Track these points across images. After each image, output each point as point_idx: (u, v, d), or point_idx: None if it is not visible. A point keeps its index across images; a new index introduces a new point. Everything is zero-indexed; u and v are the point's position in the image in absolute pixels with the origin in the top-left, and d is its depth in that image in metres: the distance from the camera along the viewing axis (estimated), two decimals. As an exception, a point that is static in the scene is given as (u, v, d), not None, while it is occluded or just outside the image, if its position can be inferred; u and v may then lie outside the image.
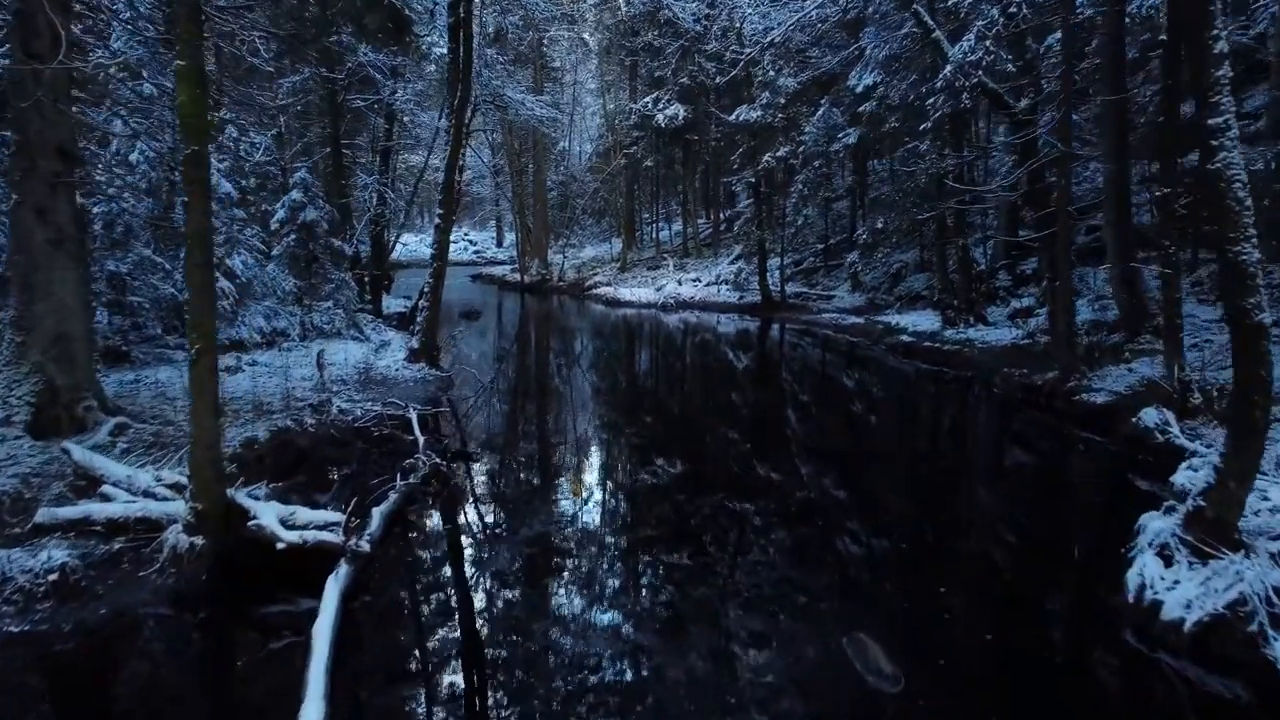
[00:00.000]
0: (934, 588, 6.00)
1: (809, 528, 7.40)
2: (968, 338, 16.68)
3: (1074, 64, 10.64)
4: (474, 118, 21.63)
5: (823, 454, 10.23)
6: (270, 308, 15.30)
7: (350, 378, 13.12)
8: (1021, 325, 16.36)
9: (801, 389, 15.00)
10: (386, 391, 12.54)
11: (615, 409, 13.09)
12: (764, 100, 22.73)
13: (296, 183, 16.17)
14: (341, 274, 16.54)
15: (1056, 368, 12.32)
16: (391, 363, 14.09)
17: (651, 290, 28.23)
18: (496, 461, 9.85)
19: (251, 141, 19.88)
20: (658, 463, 9.66)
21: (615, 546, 7.11)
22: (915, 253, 23.40)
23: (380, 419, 10.64)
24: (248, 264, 14.73)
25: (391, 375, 13.52)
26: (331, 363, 13.62)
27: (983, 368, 14.65)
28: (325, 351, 14.49)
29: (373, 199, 19.66)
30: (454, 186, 14.01)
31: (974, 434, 11.99)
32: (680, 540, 7.07)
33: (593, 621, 5.59)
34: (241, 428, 9.36)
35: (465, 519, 7.79)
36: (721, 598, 5.95)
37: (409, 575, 6.61)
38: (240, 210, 17.15)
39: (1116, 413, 10.58)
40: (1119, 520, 6.45)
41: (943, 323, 17.86)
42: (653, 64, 31.20)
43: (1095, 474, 9.18)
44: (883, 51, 20.39)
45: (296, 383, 12.04)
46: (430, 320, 13.93)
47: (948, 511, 8.11)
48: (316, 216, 16.10)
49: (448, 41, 13.72)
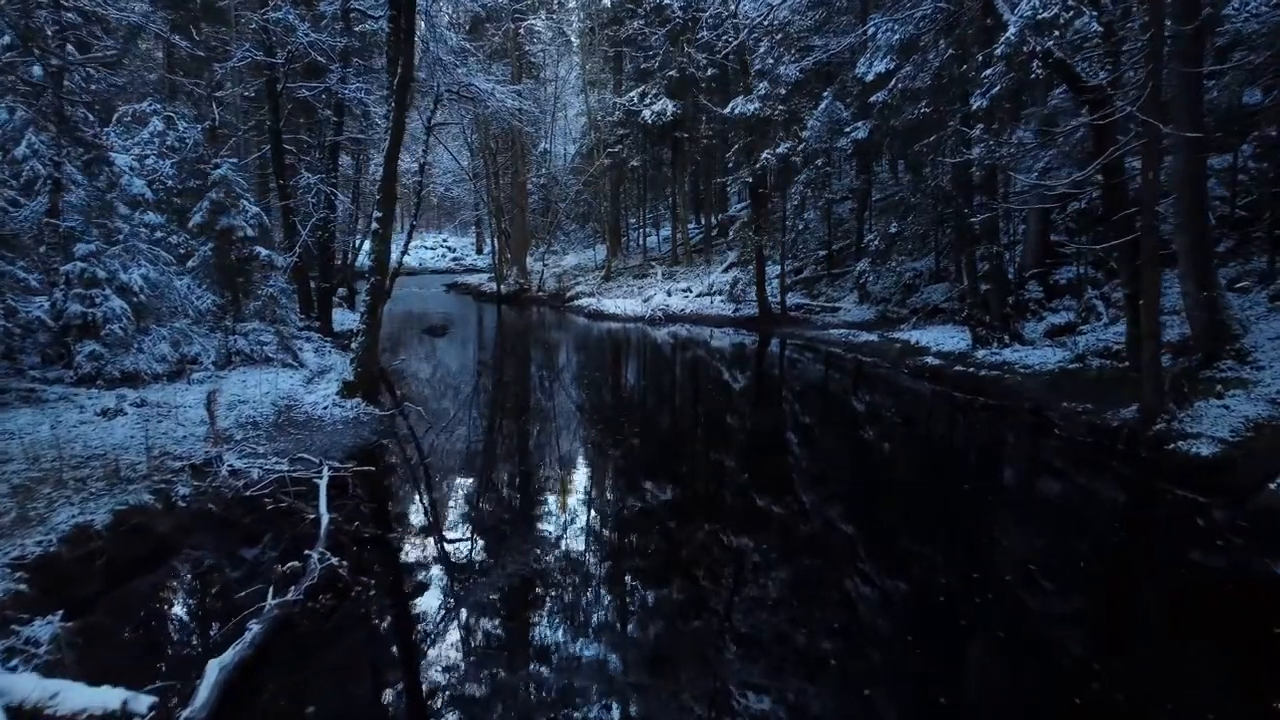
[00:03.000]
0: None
1: (857, 631, 5.00)
2: (1004, 360, 14.37)
3: (1162, 20, 8.31)
4: (437, 110, 19.17)
5: (852, 516, 7.84)
6: (180, 330, 12.76)
7: (265, 419, 10.64)
8: (1068, 346, 14.06)
9: (818, 430, 12.59)
10: (307, 438, 10.06)
11: (594, 465, 10.24)
12: (762, 91, 20.41)
13: (217, 181, 13.66)
14: (271, 288, 14.01)
15: (1136, 405, 10.01)
16: (322, 398, 11.59)
17: (638, 301, 25.81)
18: (428, 550, 7.36)
19: (180, 135, 17.42)
20: (648, 556, 7.22)
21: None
22: (929, 260, 21.14)
23: (283, 482, 8.16)
24: (151, 278, 12.19)
25: (318, 415, 11.03)
26: (244, 400, 11.13)
27: (1031, 399, 12.32)
28: (244, 383, 12.00)
29: (318, 201, 17.13)
30: (394, 182, 11.55)
31: (1041, 495, 9.12)
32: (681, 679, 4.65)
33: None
34: (78, 506, 6.85)
35: (364, 659, 5.31)
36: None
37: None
38: (154, 215, 14.67)
39: (1231, 470, 8.27)
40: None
41: (972, 341, 15.55)
42: (638, 55, 28.85)
43: (1226, 570, 6.68)
44: (895, 35, 18.14)
45: (192, 428, 9.55)
46: (368, 346, 11.45)
47: (1030, 622, 5.68)
48: (240, 220, 13.58)
49: (386, 8, 11.27)
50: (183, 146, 16.88)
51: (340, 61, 17.27)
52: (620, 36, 28.92)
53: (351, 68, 17.38)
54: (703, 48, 25.70)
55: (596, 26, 31.52)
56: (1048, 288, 17.21)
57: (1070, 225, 18.40)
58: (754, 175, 21.14)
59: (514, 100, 20.04)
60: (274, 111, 17.14)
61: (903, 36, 18.01)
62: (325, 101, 18.15)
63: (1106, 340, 13.84)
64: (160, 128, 17.15)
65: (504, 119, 22.83)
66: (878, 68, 18.95)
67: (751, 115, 20.68)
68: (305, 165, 17.94)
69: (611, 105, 30.18)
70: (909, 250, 19.82)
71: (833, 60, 23.23)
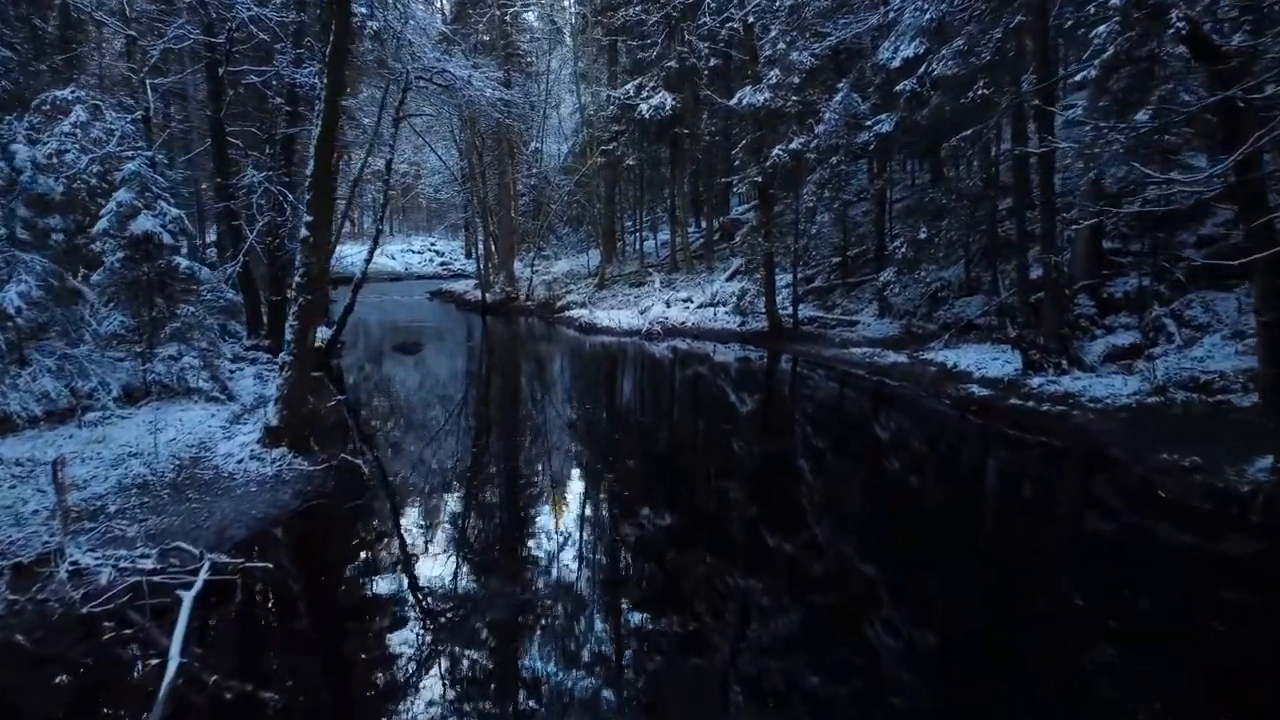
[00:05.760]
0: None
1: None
2: (1065, 390, 12.14)
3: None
4: (404, 99, 16.90)
5: (917, 650, 5.60)
6: (76, 359, 10.47)
7: (160, 478, 8.38)
8: (1143, 374, 11.82)
9: (859, 498, 10.33)
10: (204, 508, 7.80)
11: (586, 564, 7.34)
12: (773, 80, 18.19)
13: (127, 178, 11.41)
14: (195, 305, 11.74)
15: (1272, 459, 7.80)
16: (240, 446, 9.32)
17: (634, 313, 23.53)
18: (322, 709, 5.07)
19: (107, 126, 15.12)
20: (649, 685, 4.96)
21: None
22: (958, 269, 18.93)
23: (140, 591, 5.88)
24: (34, 296, 9.90)
25: (229, 471, 8.75)
26: (138, 452, 8.87)
27: (1111, 443, 10.10)
28: (150, 426, 9.71)
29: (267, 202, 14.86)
30: (329, 177, 9.29)
31: (1173, 608, 6.18)
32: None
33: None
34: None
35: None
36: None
37: None
38: (58, 218, 12.37)
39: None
40: None
41: (1023, 366, 13.32)
42: (634, 45, 26.60)
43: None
44: (926, 15, 15.97)
45: (56, 496, 7.25)
46: (296, 382, 9.18)
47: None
48: (156, 225, 11.31)
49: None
50: (109, 139, 14.62)
51: (293, 42, 15.03)
52: (615, 24, 26.66)
53: (304, 49, 15.12)
54: (704, 35, 23.47)
55: (589, 13, 29.26)
56: (1100, 302, 15.00)
57: (1125, 230, 16.21)
58: (764, 174, 18.91)
59: (494, 90, 17.80)
60: (215, 99, 14.90)
61: (934, 16, 15.85)
62: (277, 89, 15.90)
63: (1189, 368, 11.64)
64: (84, 117, 14.89)
65: (487, 112, 20.64)
66: (905, 52, 16.78)
67: (761, 107, 18.45)
68: (253, 162, 15.66)
69: (606, 99, 27.92)
70: (940, 258, 17.59)
71: (849, 47, 21.07)
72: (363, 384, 17.04)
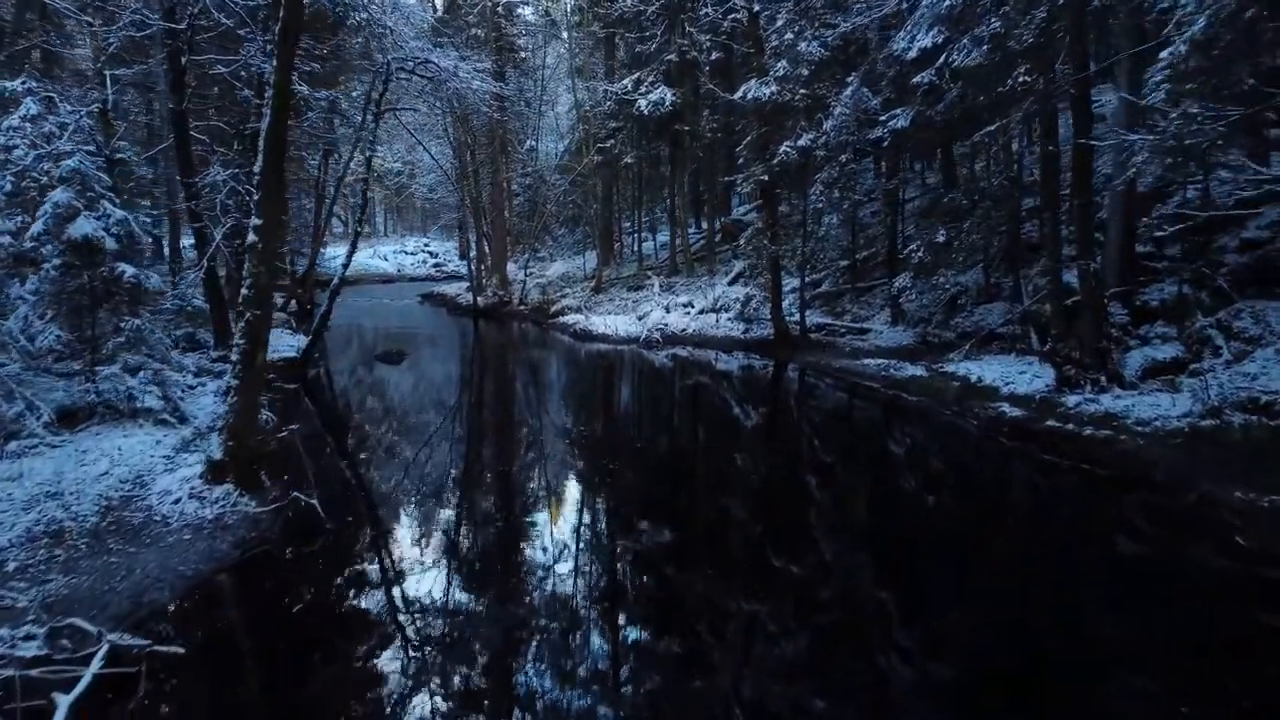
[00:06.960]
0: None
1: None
2: (1105, 410, 10.97)
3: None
4: (385, 90, 15.72)
5: None
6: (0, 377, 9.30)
7: (82, 523, 7.23)
8: (1195, 393, 10.64)
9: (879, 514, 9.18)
10: (127, 561, 6.66)
11: (580, 634, 6.04)
12: (780, 72, 17.04)
13: (65, 176, 10.24)
14: (140, 320, 10.57)
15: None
16: (181, 481, 8.14)
17: (632, 319, 22.36)
18: None
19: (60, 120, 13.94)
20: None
21: None
22: (976, 274, 17.79)
23: (11, 688, 4.70)
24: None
25: (163, 514, 7.60)
26: (58, 491, 7.73)
27: (1166, 473, 8.97)
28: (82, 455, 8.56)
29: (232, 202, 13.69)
30: (280, 173, 8.11)
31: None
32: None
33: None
34: None
35: None
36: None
37: None
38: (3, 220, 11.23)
39: None
40: None
41: (1056, 382, 12.17)
42: (633, 38, 25.42)
43: None
44: (945, 1, 14.83)
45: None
46: (243, 410, 8.01)
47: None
48: (97, 229, 10.14)
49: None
50: (61, 134, 13.45)
51: (261, 29, 13.86)
52: (612, 16, 25.45)
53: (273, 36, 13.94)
54: (706, 27, 22.31)
55: (585, 4, 28.07)
56: (1134, 311, 13.84)
57: (1159, 234, 15.06)
58: (769, 172, 17.75)
59: (482, 82, 16.61)
60: (176, 90, 13.72)
61: (955, 2, 14.70)
62: (245, 80, 14.74)
63: (1245, 386, 10.47)
64: (35, 110, 13.72)
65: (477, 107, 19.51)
66: (922, 42, 15.61)
67: (767, 101, 17.30)
68: (219, 159, 14.50)
69: (603, 94, 26.73)
70: (959, 263, 16.44)
71: (860, 37, 19.91)
72: (336, 400, 15.83)
